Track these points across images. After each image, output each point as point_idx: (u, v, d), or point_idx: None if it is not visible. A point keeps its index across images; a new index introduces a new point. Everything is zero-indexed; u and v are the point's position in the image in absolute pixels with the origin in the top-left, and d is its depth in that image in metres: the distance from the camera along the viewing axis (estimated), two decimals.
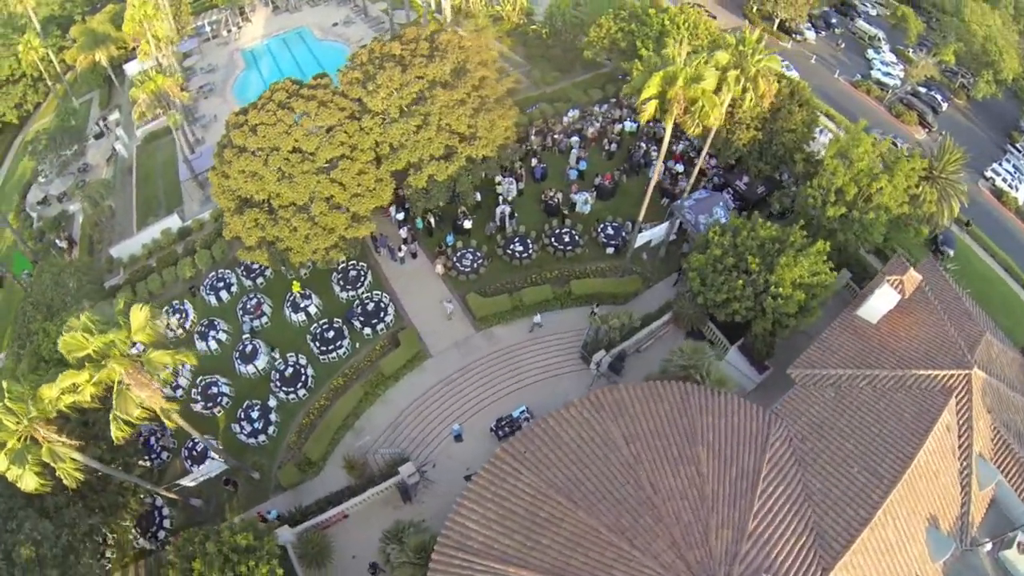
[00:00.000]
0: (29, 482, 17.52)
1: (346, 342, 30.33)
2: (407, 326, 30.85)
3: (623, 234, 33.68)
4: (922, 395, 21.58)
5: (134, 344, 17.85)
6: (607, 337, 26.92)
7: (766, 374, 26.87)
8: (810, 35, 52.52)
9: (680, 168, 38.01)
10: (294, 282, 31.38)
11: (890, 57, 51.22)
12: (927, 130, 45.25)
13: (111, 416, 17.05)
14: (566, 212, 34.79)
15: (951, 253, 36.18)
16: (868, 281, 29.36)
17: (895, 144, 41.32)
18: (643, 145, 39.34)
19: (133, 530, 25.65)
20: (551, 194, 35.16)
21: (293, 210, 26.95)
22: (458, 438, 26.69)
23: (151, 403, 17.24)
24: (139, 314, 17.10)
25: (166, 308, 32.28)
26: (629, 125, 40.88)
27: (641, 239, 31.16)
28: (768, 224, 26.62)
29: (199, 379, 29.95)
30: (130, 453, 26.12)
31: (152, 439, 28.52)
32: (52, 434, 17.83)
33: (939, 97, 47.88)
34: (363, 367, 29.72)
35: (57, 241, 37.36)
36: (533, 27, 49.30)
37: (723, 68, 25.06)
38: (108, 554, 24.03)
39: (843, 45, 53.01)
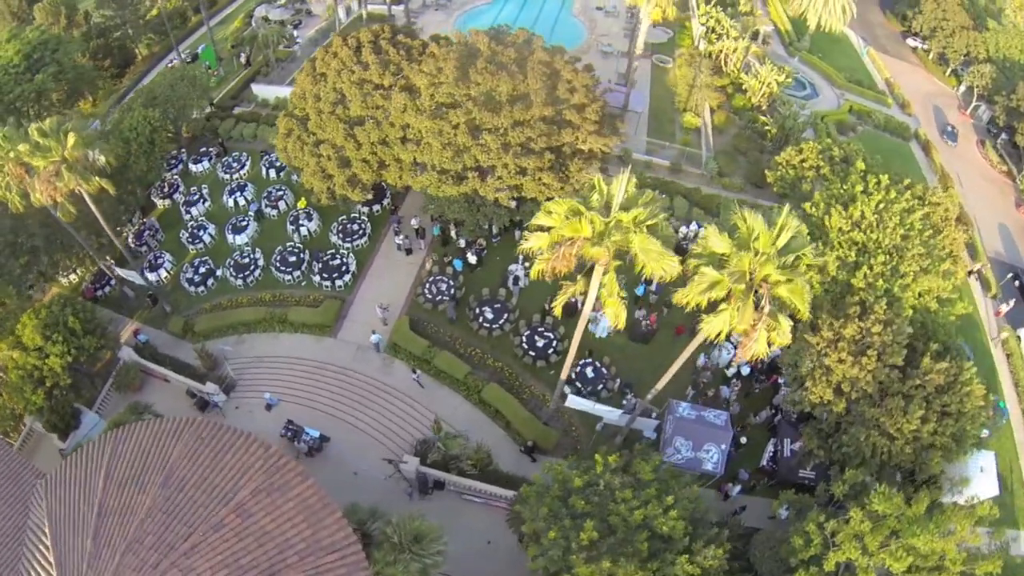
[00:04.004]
0: None
1: (297, 273, 34.40)
2: (343, 300, 33.43)
3: (602, 384, 29.86)
4: None
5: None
6: (437, 452, 25.84)
7: None
8: None
9: (745, 370, 31.88)
10: (301, 199, 36.89)
11: None
12: None
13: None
14: (547, 308, 31.73)
15: None
16: None
17: None
18: None
19: (89, 275, 35.92)
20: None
21: (313, 140, 31.56)
22: (269, 408, 29.33)
23: (42, 195, 24.42)
24: (71, 138, 23.79)
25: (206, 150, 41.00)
26: None
27: (577, 403, 27.57)
28: (673, 514, 19.39)
29: (201, 219, 38.30)
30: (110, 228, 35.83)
31: (146, 232, 38.05)
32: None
33: None
34: (289, 302, 33.89)
35: (240, 55, 49.40)
36: (763, 118, 44.65)
37: (706, 257, 19.05)
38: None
39: None
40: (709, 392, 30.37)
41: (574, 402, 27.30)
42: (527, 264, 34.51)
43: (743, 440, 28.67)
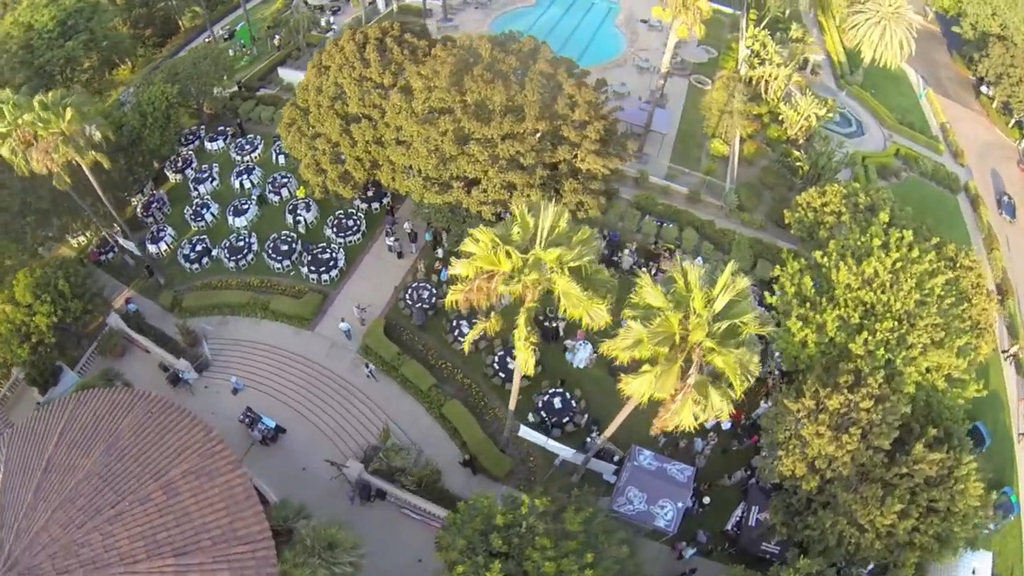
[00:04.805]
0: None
1: (287, 263, 35.54)
2: (325, 294, 34.47)
3: (568, 417, 29.61)
4: None
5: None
6: (379, 462, 26.30)
7: None
8: None
9: (726, 425, 30.13)
10: (301, 188, 38.11)
11: None
12: None
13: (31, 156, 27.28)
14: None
15: None
16: None
17: None
18: None
19: (96, 239, 38.59)
20: (554, 316, 32.39)
21: (311, 132, 33.07)
22: (235, 392, 30.52)
23: (39, 164, 26.59)
24: (69, 112, 25.84)
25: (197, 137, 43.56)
26: None
27: (529, 435, 27.31)
28: (589, 573, 18.69)
29: (206, 197, 40.57)
30: (120, 201, 38.57)
31: (153, 204, 40.64)
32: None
33: None
34: (275, 290, 34.96)
35: (275, 36, 51.94)
36: (796, 153, 43.67)
37: (641, 309, 18.12)
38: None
39: None
40: (681, 443, 29.33)
41: (526, 433, 27.06)
42: None
43: (706, 500, 27.82)
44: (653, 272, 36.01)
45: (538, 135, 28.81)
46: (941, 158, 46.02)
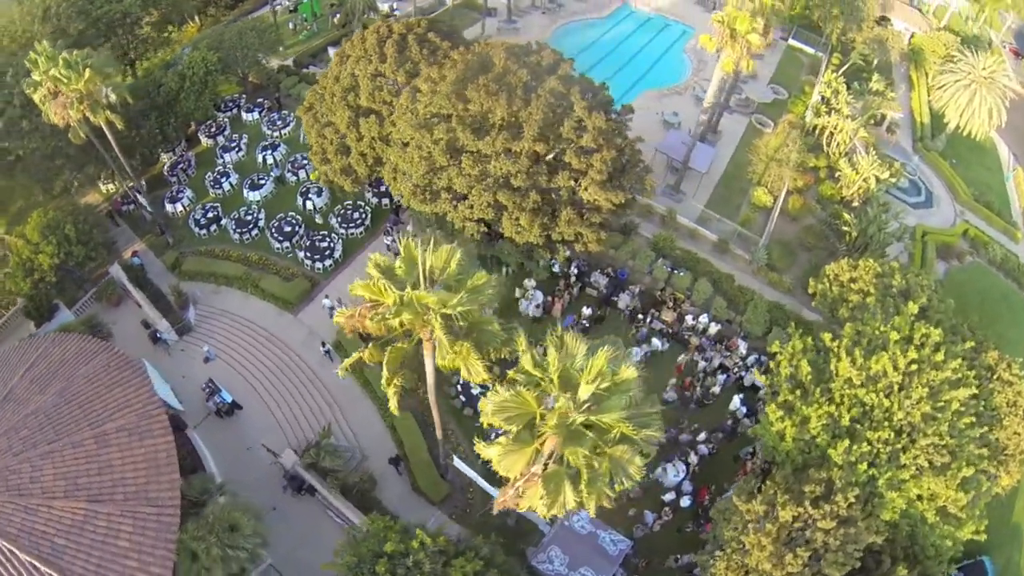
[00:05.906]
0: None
1: (288, 244, 37.35)
2: (317, 282, 36.06)
3: None
4: None
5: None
6: (309, 457, 27.52)
7: None
8: None
9: (685, 502, 29.51)
10: (315, 171, 40.87)
11: None
12: None
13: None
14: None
15: None
16: None
17: None
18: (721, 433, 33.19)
19: (117, 190, 42.39)
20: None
21: (323, 120, 35.21)
22: (206, 360, 32.58)
23: (55, 115, 29.55)
24: (87, 72, 28.61)
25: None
26: (737, 404, 34.11)
27: (463, 468, 27.47)
28: None
29: (229, 166, 43.72)
30: (147, 158, 42.39)
31: (180, 165, 44.25)
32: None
33: None
34: (270, 268, 36.84)
35: (335, 15, 55.11)
36: (846, 216, 42.19)
37: (523, 375, 17.37)
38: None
39: None
40: (630, 511, 28.69)
41: (460, 465, 27.14)
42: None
43: None
44: (650, 320, 35.84)
45: (547, 156, 29.16)
46: (1016, 247, 43.20)
